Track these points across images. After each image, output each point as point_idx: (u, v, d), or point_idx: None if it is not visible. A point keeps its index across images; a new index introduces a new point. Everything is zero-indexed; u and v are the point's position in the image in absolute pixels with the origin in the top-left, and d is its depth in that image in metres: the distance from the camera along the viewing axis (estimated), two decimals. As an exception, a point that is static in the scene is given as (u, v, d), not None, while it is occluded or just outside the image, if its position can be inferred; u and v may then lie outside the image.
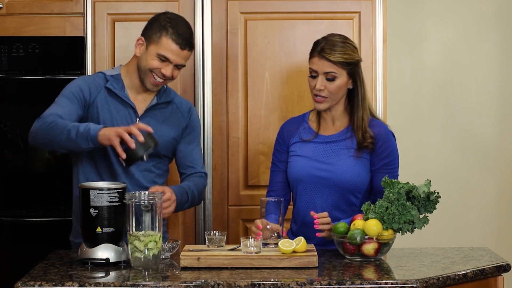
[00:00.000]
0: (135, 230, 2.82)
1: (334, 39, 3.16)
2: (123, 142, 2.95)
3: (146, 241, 2.80)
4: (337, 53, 3.12)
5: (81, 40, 3.91)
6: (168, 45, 3.18)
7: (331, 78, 3.13)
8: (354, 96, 3.19)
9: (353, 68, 3.15)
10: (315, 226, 3.01)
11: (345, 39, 3.17)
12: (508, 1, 4.66)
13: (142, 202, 2.83)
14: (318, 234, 3.04)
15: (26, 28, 3.92)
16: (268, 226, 3.01)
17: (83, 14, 3.91)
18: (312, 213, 3.07)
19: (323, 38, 3.18)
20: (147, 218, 2.84)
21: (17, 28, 3.92)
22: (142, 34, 3.26)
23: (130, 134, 2.95)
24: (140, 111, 3.26)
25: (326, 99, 3.16)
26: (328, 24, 3.91)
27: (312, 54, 3.17)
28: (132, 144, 2.93)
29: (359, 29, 3.91)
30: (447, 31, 4.67)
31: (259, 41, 3.93)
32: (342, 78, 3.14)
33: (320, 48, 3.14)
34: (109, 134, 2.95)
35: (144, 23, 3.91)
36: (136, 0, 3.92)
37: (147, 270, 2.79)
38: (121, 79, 3.27)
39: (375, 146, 3.17)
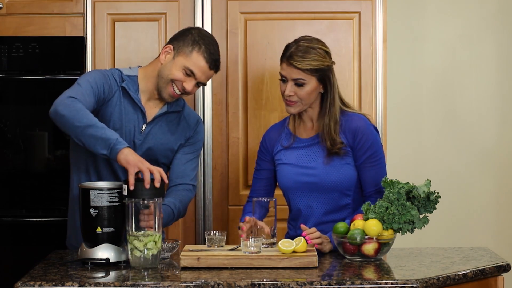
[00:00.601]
0: (135, 230, 2.82)
1: (304, 44, 3.11)
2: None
3: (146, 241, 2.80)
4: (306, 60, 3.08)
5: (81, 40, 3.91)
6: (198, 61, 3.13)
7: (300, 84, 3.11)
8: (323, 101, 3.18)
9: (322, 74, 3.12)
10: (308, 242, 3.00)
11: (316, 44, 3.13)
12: (508, 1, 4.66)
13: (141, 202, 2.83)
14: (316, 246, 3.03)
15: (26, 28, 3.92)
16: (258, 226, 3.02)
17: (83, 14, 3.91)
18: (302, 226, 3.05)
19: (295, 41, 3.15)
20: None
21: (17, 28, 3.92)
22: (171, 43, 3.19)
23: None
24: (149, 117, 3.22)
25: (296, 103, 3.14)
26: (328, 24, 3.91)
27: (282, 59, 3.14)
28: (147, 185, 2.84)
29: (359, 29, 3.92)
30: (447, 31, 4.67)
31: (259, 41, 3.93)
32: (311, 84, 3.12)
33: (289, 54, 3.10)
34: (132, 160, 2.87)
35: (144, 23, 3.93)
36: (136, 0, 3.92)
37: (147, 270, 2.79)
38: (137, 81, 3.22)
39: (347, 148, 3.15)
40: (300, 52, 3.10)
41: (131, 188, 2.84)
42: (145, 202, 2.83)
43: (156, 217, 2.84)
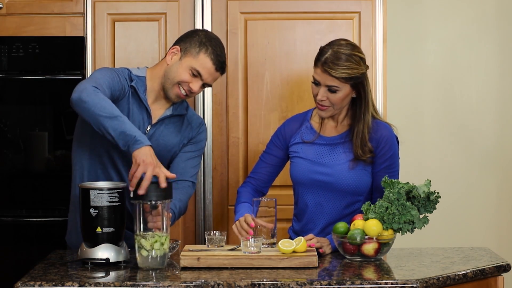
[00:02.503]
0: (142, 231, 2.82)
1: (340, 50, 3.07)
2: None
3: (153, 241, 2.79)
4: (340, 68, 3.05)
5: (81, 40, 3.91)
6: (205, 62, 3.13)
7: (333, 90, 3.10)
8: (357, 107, 3.16)
9: (356, 81, 3.09)
10: (311, 246, 2.99)
11: (351, 50, 3.08)
12: (508, 1, 4.66)
13: (149, 203, 2.83)
14: (321, 250, 3.03)
15: (26, 28, 3.92)
16: (258, 226, 3.02)
17: (83, 14, 3.91)
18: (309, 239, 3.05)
19: (330, 46, 3.10)
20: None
21: (17, 28, 3.92)
22: (177, 44, 3.19)
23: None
24: (154, 119, 3.22)
25: (328, 108, 3.14)
26: (328, 24, 3.91)
27: (316, 63, 3.10)
28: (141, 191, 2.82)
29: (359, 29, 3.92)
30: (447, 31, 4.67)
31: (259, 41, 3.93)
32: (344, 90, 3.09)
33: (324, 60, 3.06)
34: (147, 160, 2.85)
35: (144, 23, 3.93)
36: (136, 0, 3.92)
37: (154, 270, 2.78)
38: (145, 82, 3.21)
39: (374, 157, 3.15)
40: (335, 59, 3.06)
41: (131, 188, 2.84)
42: (153, 202, 2.83)
43: (164, 218, 2.84)
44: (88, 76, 3.87)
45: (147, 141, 2.91)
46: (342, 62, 3.06)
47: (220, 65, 3.17)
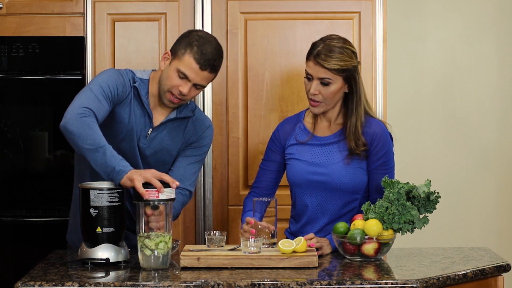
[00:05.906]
0: (145, 231, 2.82)
1: (331, 43, 3.10)
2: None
3: (157, 241, 2.79)
4: (333, 59, 3.07)
5: (81, 40, 3.91)
6: (189, 63, 3.09)
7: (325, 83, 3.11)
8: (349, 101, 3.17)
9: (348, 74, 3.11)
10: (311, 246, 2.99)
11: (343, 43, 3.12)
12: (508, 1, 4.66)
13: (151, 203, 2.83)
14: (319, 253, 3.03)
15: (26, 28, 3.92)
16: (259, 226, 3.01)
17: (83, 14, 3.91)
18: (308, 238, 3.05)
19: (322, 40, 3.14)
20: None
21: (17, 28, 3.92)
22: (170, 49, 3.18)
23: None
24: (156, 122, 3.20)
25: (320, 103, 3.14)
26: (328, 24, 3.91)
27: (308, 57, 3.13)
28: (161, 190, 2.83)
29: (359, 29, 3.92)
30: (447, 31, 4.67)
31: (259, 41, 3.93)
32: (337, 84, 3.11)
33: (316, 52, 3.09)
34: (135, 177, 2.84)
35: (144, 23, 3.93)
36: (136, 0, 3.92)
37: (157, 271, 2.78)
38: (148, 85, 3.20)
39: (368, 152, 3.15)
40: (328, 51, 3.08)
41: (146, 197, 2.81)
42: (155, 202, 2.82)
43: (167, 218, 2.84)
44: (89, 76, 3.89)
45: (128, 167, 2.89)
46: (335, 54, 3.08)
47: (206, 64, 3.10)
